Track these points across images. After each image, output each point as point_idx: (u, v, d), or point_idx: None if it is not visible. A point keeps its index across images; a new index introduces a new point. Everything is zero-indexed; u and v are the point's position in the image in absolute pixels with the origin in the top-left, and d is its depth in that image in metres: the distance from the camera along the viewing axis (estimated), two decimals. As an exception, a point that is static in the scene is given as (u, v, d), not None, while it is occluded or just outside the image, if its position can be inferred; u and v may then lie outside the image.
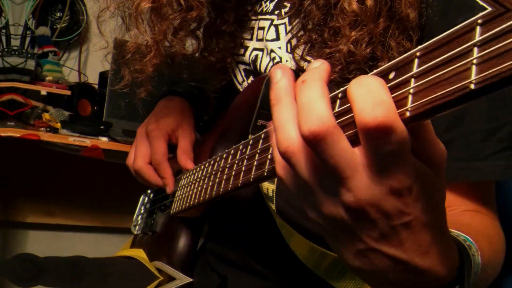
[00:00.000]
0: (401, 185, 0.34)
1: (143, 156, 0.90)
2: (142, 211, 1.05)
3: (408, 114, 0.32)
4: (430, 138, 0.36)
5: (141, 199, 1.07)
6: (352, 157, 0.35)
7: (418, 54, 0.33)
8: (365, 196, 0.35)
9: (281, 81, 0.39)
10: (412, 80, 0.33)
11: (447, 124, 0.63)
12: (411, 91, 0.32)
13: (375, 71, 0.36)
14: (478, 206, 0.64)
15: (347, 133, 0.36)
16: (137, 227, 1.04)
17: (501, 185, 0.71)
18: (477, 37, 0.29)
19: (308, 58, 0.72)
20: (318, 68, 0.37)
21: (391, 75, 0.34)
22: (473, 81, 0.28)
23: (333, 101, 0.39)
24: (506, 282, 0.76)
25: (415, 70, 0.33)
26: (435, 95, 0.31)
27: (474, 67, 0.29)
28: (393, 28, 0.63)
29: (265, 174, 0.50)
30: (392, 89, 0.34)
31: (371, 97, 0.33)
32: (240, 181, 0.57)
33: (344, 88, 0.38)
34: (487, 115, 0.63)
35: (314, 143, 0.34)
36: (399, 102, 0.33)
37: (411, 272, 0.38)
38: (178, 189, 0.90)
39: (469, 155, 0.62)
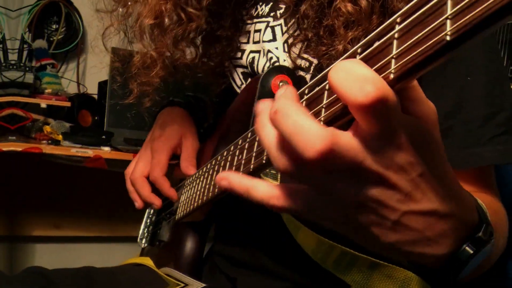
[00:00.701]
0: (404, 139, 0.36)
1: (142, 168, 0.93)
2: (148, 223, 1.06)
3: (392, 76, 0.34)
4: (419, 97, 0.38)
5: (146, 213, 1.07)
6: (358, 144, 0.35)
7: (398, 20, 0.34)
8: (382, 165, 0.36)
9: (283, 94, 0.38)
10: (395, 42, 0.34)
11: (446, 112, 0.63)
12: (394, 55, 0.33)
13: (359, 44, 0.37)
14: (479, 188, 0.65)
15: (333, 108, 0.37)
16: (143, 240, 1.04)
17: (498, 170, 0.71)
18: None
19: (305, 56, 0.73)
20: (284, 93, 0.37)
21: (375, 45, 0.36)
22: (448, 33, 0.30)
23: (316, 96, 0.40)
24: (510, 264, 0.76)
25: (396, 34, 0.34)
26: (415, 53, 0.32)
27: (448, 21, 0.30)
28: None
29: (264, 161, 0.51)
30: (375, 55, 0.35)
31: (353, 78, 0.33)
32: (241, 173, 0.58)
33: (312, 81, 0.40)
34: (484, 102, 0.64)
35: (326, 160, 0.34)
36: (384, 67, 0.34)
37: (442, 220, 0.40)
38: (182, 194, 0.90)
39: (469, 142, 0.63)
